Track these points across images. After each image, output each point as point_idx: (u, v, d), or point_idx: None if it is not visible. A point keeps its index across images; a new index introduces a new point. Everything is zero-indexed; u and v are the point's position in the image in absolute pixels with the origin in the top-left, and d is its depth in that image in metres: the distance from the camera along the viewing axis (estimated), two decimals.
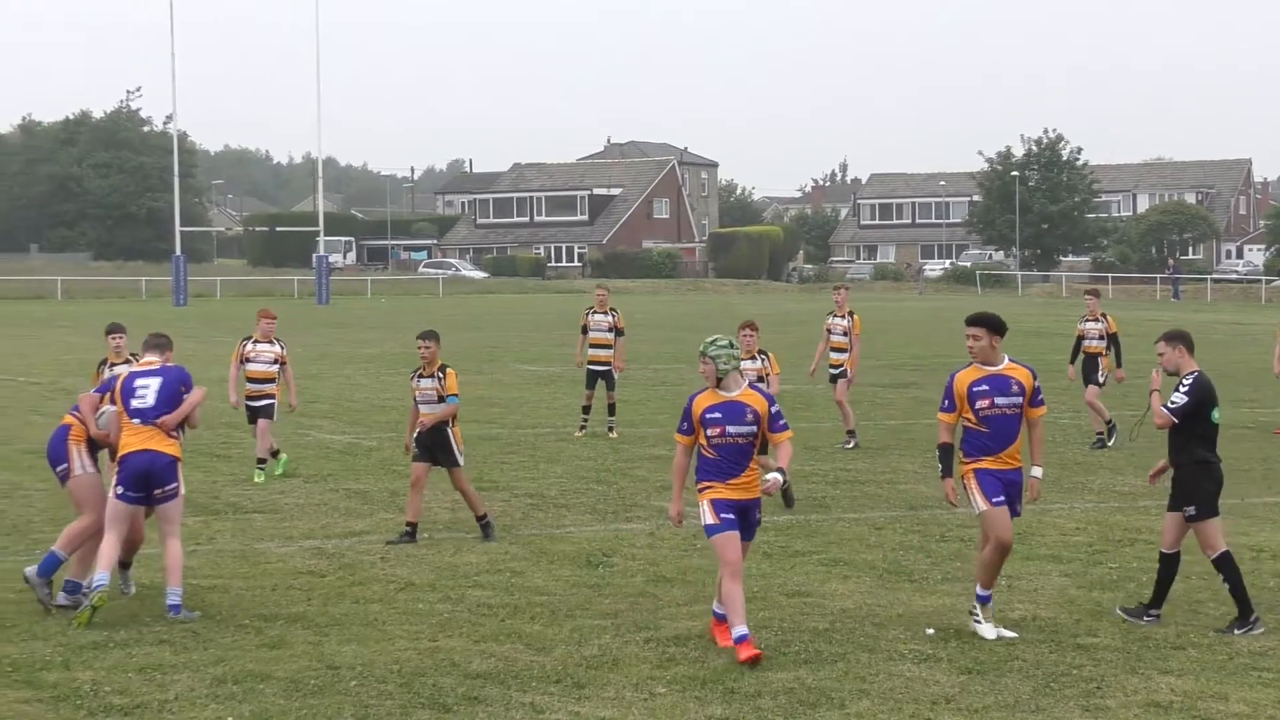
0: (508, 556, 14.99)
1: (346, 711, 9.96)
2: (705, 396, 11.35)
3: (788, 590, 13.57)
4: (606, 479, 20.09)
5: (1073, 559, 15.06)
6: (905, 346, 47.22)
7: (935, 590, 13.64)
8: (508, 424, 26.06)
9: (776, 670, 10.96)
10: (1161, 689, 10.55)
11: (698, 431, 11.30)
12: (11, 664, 11.08)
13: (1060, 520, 17.10)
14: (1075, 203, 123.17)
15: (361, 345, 46.53)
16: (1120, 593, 13.47)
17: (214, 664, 11.07)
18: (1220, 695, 10.39)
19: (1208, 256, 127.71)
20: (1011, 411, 11.77)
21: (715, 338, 11.46)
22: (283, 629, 12.13)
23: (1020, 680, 10.77)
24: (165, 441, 12.81)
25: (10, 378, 34.56)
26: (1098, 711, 10.07)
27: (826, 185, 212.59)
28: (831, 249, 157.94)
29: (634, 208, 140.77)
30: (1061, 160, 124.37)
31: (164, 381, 12.97)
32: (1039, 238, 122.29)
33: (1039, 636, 11.96)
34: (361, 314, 69.77)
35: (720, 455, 11.25)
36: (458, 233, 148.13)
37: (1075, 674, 10.94)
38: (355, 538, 15.91)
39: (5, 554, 15.12)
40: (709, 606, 12.90)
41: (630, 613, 12.72)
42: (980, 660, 11.21)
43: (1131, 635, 12.01)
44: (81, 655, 11.30)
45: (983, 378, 11.83)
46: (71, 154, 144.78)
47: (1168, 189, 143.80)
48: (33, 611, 12.64)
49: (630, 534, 16.27)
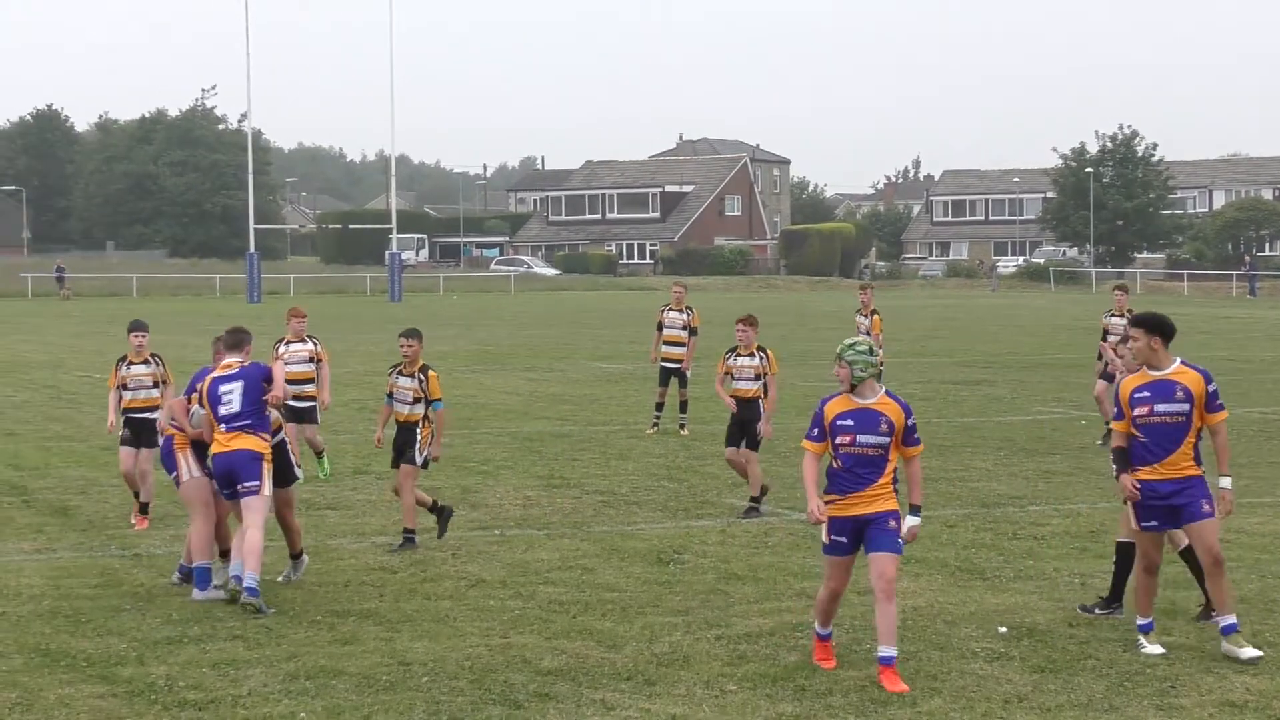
0: (579, 553, 15.00)
1: (418, 707, 10.00)
2: (838, 402, 10.67)
3: (859, 589, 13.45)
4: (678, 476, 20.08)
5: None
6: (977, 344, 46.99)
7: (1007, 588, 13.56)
8: (579, 421, 26.10)
9: (848, 668, 10.93)
10: (1236, 688, 10.46)
11: (828, 439, 10.62)
12: (87, 659, 11.18)
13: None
14: (1150, 199, 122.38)
15: (434, 343, 46.52)
16: (1196, 591, 13.34)
17: (287, 659, 11.15)
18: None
19: None
20: (1174, 419, 11.00)
21: (854, 341, 10.79)
22: (355, 625, 12.19)
23: (1093, 679, 10.70)
24: (249, 440, 13.09)
25: (88, 374, 34.85)
26: (1172, 710, 9.99)
27: (899, 182, 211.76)
28: (904, 246, 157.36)
29: (706, 205, 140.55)
30: (1136, 156, 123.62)
31: (246, 385, 13.19)
32: (1113, 234, 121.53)
33: (1112, 635, 11.86)
34: (434, 311, 69.98)
35: (846, 466, 10.57)
36: (530, 230, 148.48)
37: (1149, 673, 10.85)
38: (426, 534, 15.96)
39: (81, 549, 15.25)
40: (780, 604, 12.89)
41: (701, 610, 12.70)
42: (1053, 659, 11.15)
43: (1206, 634, 11.89)
44: (156, 650, 11.40)
45: (1146, 383, 11.13)
46: (148, 152, 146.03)
47: (1244, 185, 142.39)
48: (108, 608, 12.75)
49: (701, 531, 16.25)
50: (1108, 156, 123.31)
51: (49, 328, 53.51)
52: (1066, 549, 15.13)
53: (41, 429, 24.72)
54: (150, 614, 12.52)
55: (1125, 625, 12.21)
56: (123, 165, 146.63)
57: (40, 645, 11.55)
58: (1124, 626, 12.17)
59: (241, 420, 13.06)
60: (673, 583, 13.73)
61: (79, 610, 12.64)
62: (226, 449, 13.00)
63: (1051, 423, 26.03)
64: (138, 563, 14.57)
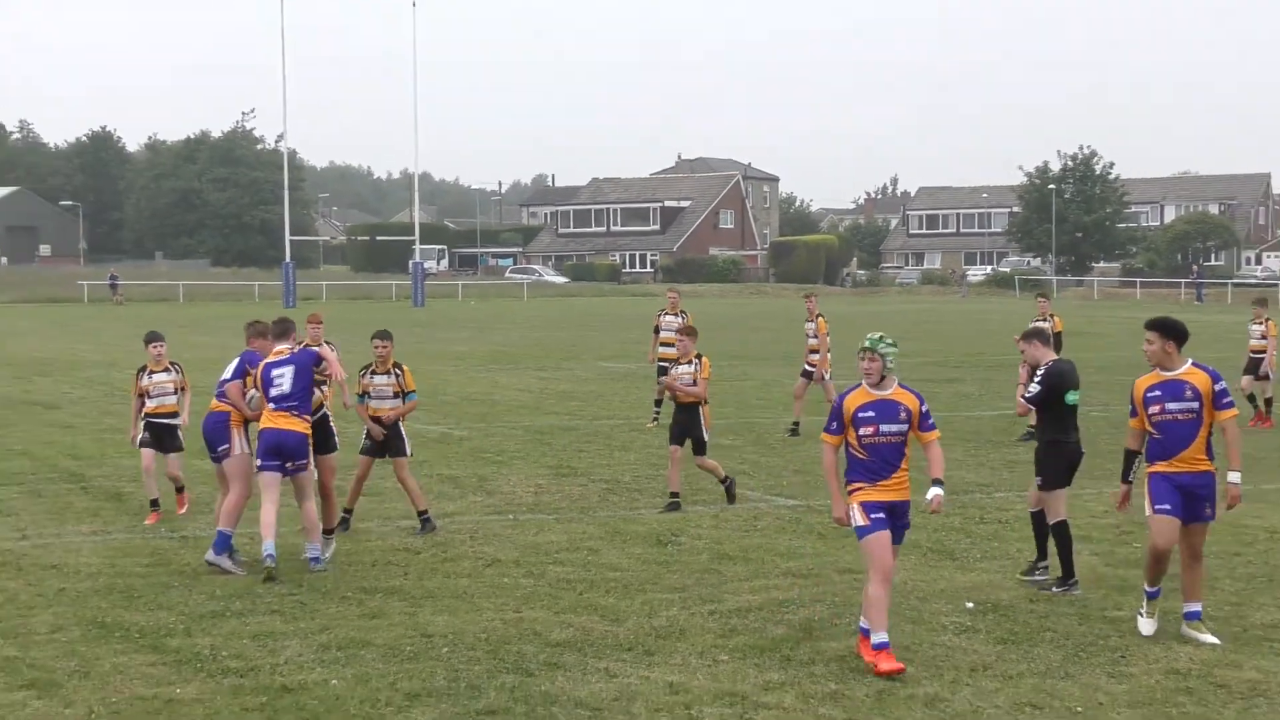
0: (585, 536, 15.05)
1: (439, 675, 10.06)
2: (857, 395, 10.37)
3: (840, 568, 13.56)
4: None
5: (1101, 539, 14.99)
6: (949, 345, 47.00)
7: (974, 568, 13.63)
8: (585, 416, 26.11)
9: (829, 640, 10.98)
10: (1181, 658, 10.53)
11: (848, 430, 10.32)
12: (140, 631, 11.25)
13: (1090, 504, 16.99)
14: (1107, 213, 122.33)
15: (452, 344, 46.70)
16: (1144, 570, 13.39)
17: (320, 631, 11.21)
18: (1234, 664, 10.35)
19: (1229, 263, 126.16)
20: (1185, 417, 10.80)
21: (882, 335, 10.48)
22: (381, 600, 12.25)
23: (1051, 649, 10.76)
24: (294, 421, 13.36)
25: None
26: (1123, 678, 10.06)
27: (878, 198, 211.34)
28: (883, 256, 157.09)
29: (701, 218, 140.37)
30: (1095, 174, 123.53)
31: (296, 369, 13.45)
32: (1074, 245, 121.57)
33: (1069, 610, 11.93)
34: (453, 316, 69.94)
35: (871, 455, 10.27)
36: (541, 241, 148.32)
37: (1102, 644, 10.92)
38: (447, 518, 15.99)
39: (134, 532, 15.31)
40: (768, 582, 12.92)
41: (696, 587, 12.75)
42: (1015, 631, 11.21)
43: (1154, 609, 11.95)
44: (201, 623, 11.46)
45: (1157, 383, 10.94)
46: (193, 170, 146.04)
47: (1193, 200, 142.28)
48: (158, 584, 12.82)
49: (696, 515, 16.29)
50: (1069, 174, 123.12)
51: (103, 330, 53.45)
52: (1028, 532, 15.11)
53: (97, 422, 24.75)
54: (196, 590, 12.58)
55: (1081, 601, 12.26)
56: (170, 182, 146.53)
57: (97, 618, 11.63)
58: (1080, 602, 12.22)
59: (290, 401, 13.35)
60: (670, 563, 13.78)
61: (132, 587, 12.71)
62: (276, 426, 13.29)
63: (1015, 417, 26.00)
64: (185, 544, 14.62)
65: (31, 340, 48.44)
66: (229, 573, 13.14)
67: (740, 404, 27.82)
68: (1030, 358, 13.32)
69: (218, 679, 10.00)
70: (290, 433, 13.33)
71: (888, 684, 9.85)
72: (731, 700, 9.54)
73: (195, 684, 9.90)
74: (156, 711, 9.33)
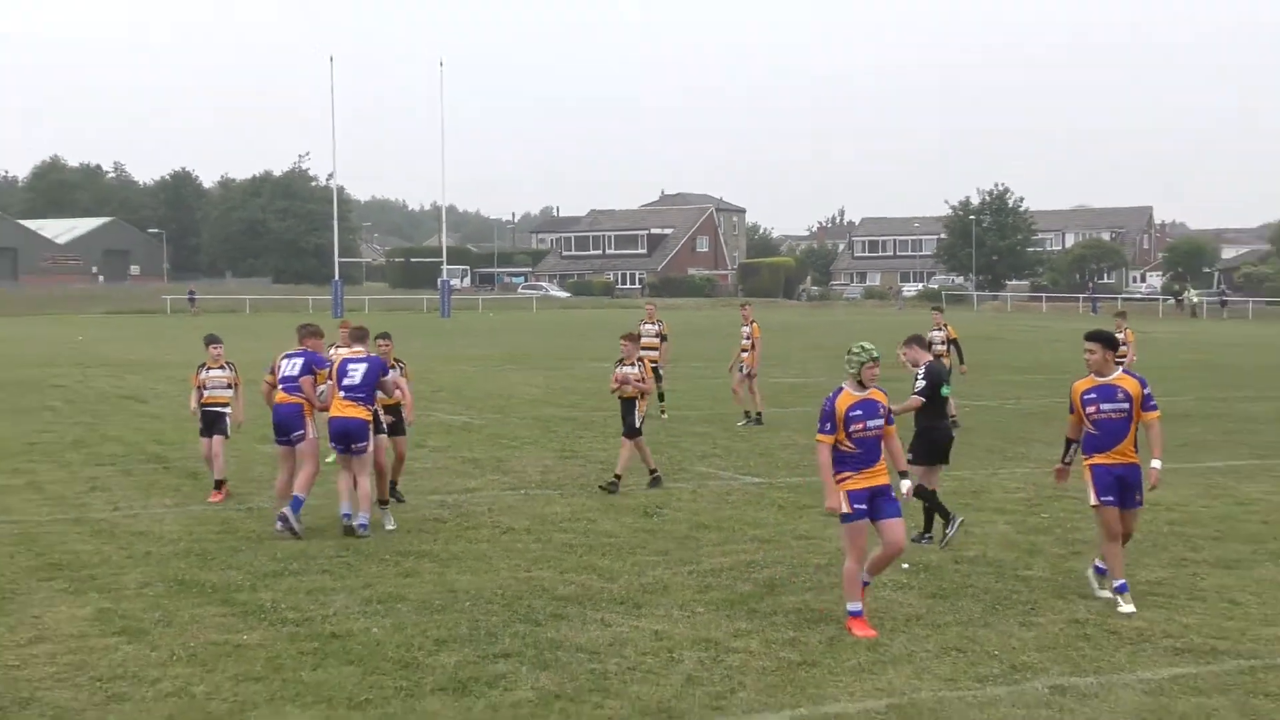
0: (585, 508, 15.01)
1: (462, 624, 10.03)
2: (844, 397, 9.97)
3: (796, 534, 13.55)
4: (659, 450, 19.98)
5: (1014, 510, 14.97)
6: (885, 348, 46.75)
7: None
8: (584, 408, 26.03)
9: (788, 595, 10.97)
10: (1080, 610, 10.53)
11: (840, 429, 9.91)
12: (213, 587, 11.22)
13: (1005, 481, 17.01)
14: (1018, 239, 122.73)
15: (474, 348, 46.69)
16: (1050, 537, 13.39)
17: (363, 588, 11.18)
18: (1124, 615, 10.35)
19: (1119, 280, 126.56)
20: (1117, 416, 10.54)
21: (869, 344, 10.20)
22: (414, 562, 12.21)
23: (973, 602, 10.76)
24: (360, 410, 13.47)
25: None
26: (1032, 626, 10.05)
27: (829, 226, 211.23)
28: (832, 275, 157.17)
29: (681, 243, 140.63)
30: (1007, 207, 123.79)
31: (369, 367, 13.66)
32: (990, 266, 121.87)
33: (988, 570, 11.91)
34: (474, 325, 69.92)
35: (860, 448, 9.90)
36: (547, 262, 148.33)
37: (1015, 598, 10.90)
38: (469, 493, 15.97)
39: (208, 505, 15.25)
40: (738, 547, 12.88)
41: (677, 551, 12.72)
42: (942, 587, 11.19)
43: (1059, 569, 11.95)
44: (264, 581, 11.42)
45: (1093, 387, 10.68)
46: (257, 203, 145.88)
47: (1088, 229, 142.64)
48: (228, 549, 12.77)
49: (678, 491, 16.26)
50: (986, 207, 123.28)
51: (183, 337, 53.35)
52: (954, 505, 15.14)
53: (177, 413, 24.65)
54: (260, 553, 12.54)
55: (997, 561, 12.23)
56: (239, 213, 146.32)
57: (177, 576, 11.59)
58: (996, 562, 12.19)
59: (358, 393, 13.49)
60: (655, 531, 13.74)
61: (206, 550, 12.67)
62: (344, 414, 13.39)
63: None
64: (250, 514, 14.57)
65: (123, 345, 48.39)
66: (295, 534, 13.10)
67: (713, 399, 27.80)
68: (910, 359, 13.53)
69: (278, 627, 9.98)
70: (355, 420, 13.43)
71: (838, 631, 9.83)
72: (706, 645, 9.51)
73: (259, 631, 9.87)
74: (227, 654, 9.29)
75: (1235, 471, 17.91)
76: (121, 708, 8.23)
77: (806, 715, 8.10)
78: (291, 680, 8.72)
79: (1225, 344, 52.39)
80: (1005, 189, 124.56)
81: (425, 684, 8.65)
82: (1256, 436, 22.02)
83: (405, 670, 8.93)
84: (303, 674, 8.85)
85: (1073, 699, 8.43)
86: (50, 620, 10.19)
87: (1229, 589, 11.31)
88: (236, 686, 8.61)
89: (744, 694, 8.49)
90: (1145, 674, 8.94)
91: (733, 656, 9.26)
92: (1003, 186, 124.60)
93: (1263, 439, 21.68)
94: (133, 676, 8.82)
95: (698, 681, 8.72)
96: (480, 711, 8.17)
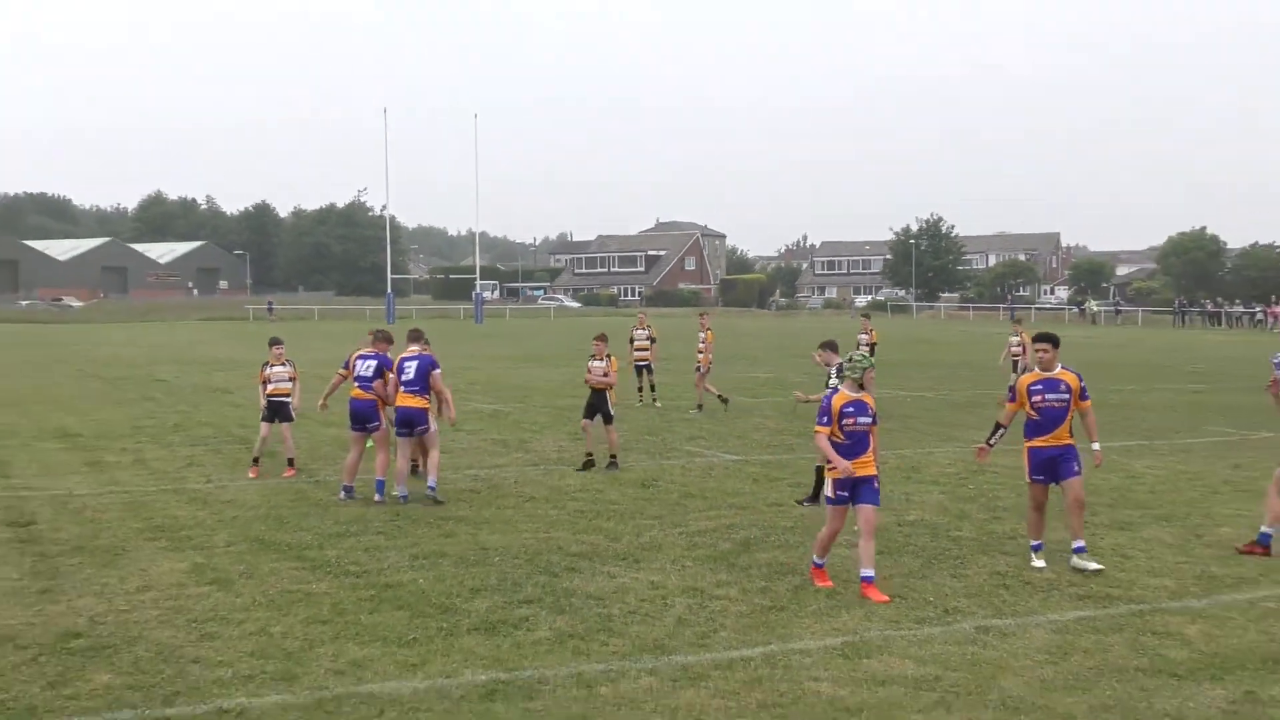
0: (593, 481, 15.00)
1: (492, 576, 10.03)
2: (839, 397, 9.72)
3: (768, 502, 13.55)
4: (655, 432, 20.07)
5: (946, 482, 14.98)
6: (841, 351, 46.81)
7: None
8: None
9: (761, 552, 10.97)
10: (1001, 564, 10.54)
11: (835, 423, 9.64)
12: (287, 545, 11.22)
13: (938, 458, 17.01)
14: (949, 260, 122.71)
15: (502, 349, 46.57)
16: (976, 504, 13.39)
17: (410, 546, 11.17)
18: (1037, 569, 10.36)
19: (1032, 293, 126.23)
20: (1059, 404, 10.35)
21: (862, 355, 9.82)
22: (453, 525, 12.21)
23: (912, 558, 10.76)
24: (418, 400, 13.45)
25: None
26: (961, 578, 10.06)
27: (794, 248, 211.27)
28: (797, 288, 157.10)
29: (673, 263, 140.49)
30: (941, 233, 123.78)
31: (420, 364, 13.55)
32: (927, 282, 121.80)
33: (925, 531, 11.92)
34: (501, 330, 69.72)
35: (849, 440, 9.62)
36: (563, 279, 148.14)
37: (947, 554, 10.92)
38: (497, 469, 15.96)
39: (283, 478, 15.23)
40: (720, 513, 12.89)
41: (670, 515, 12.72)
42: (886, 545, 11.18)
43: (983, 530, 11.95)
44: (329, 540, 11.43)
45: (1039, 380, 10.44)
46: (323, 229, 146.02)
47: (1008, 251, 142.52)
48: (299, 514, 12.77)
49: (670, 467, 16.25)
50: (923, 233, 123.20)
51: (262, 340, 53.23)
52: (897, 478, 15.20)
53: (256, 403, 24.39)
54: (326, 518, 12.53)
55: (932, 524, 12.23)
56: (308, 238, 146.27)
57: (258, 537, 11.59)
58: (931, 525, 12.18)
59: (414, 386, 13.46)
60: (651, 499, 13.74)
61: (281, 515, 12.67)
62: (405, 404, 13.41)
63: (882, 399, 26.05)
64: (317, 486, 14.57)
65: (213, 347, 48.25)
66: (401, 500, 13.27)
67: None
68: (824, 360, 13.57)
69: (340, 578, 9.98)
70: (414, 409, 13.42)
71: (803, 581, 9.83)
72: (693, 593, 9.52)
73: (325, 582, 9.87)
74: (299, 601, 9.29)
75: (1127, 451, 17.93)
76: (212, 644, 8.24)
77: (776, 651, 8.11)
78: (352, 622, 8.73)
79: (1119, 345, 52.44)
80: (939, 218, 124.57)
81: (462, 625, 8.65)
82: (1144, 422, 22.04)
83: (445, 614, 8.93)
84: (361, 617, 8.86)
85: (994, 637, 8.44)
86: (154, 573, 10.20)
87: (1122, 547, 11.34)
88: (307, 627, 8.62)
89: (724, 633, 8.51)
90: (1053, 616, 8.96)
91: (715, 602, 9.26)
92: (937, 215, 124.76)
93: (1149, 424, 21.70)
94: (221, 619, 8.83)
95: (686, 623, 8.73)
96: (507, 648, 8.17)
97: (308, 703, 7.12)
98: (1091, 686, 7.46)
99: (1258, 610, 9.16)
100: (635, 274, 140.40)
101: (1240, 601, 9.40)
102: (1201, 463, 16.73)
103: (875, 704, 7.10)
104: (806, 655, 7.99)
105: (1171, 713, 7.05)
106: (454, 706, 7.07)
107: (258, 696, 7.21)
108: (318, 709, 7.02)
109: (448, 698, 7.21)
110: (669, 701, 7.14)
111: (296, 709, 7.03)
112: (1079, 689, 7.41)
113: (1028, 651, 8.13)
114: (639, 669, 7.71)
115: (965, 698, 7.23)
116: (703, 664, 7.81)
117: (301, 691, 7.30)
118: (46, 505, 13.25)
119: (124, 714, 6.95)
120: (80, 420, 21.60)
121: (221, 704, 7.07)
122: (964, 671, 7.70)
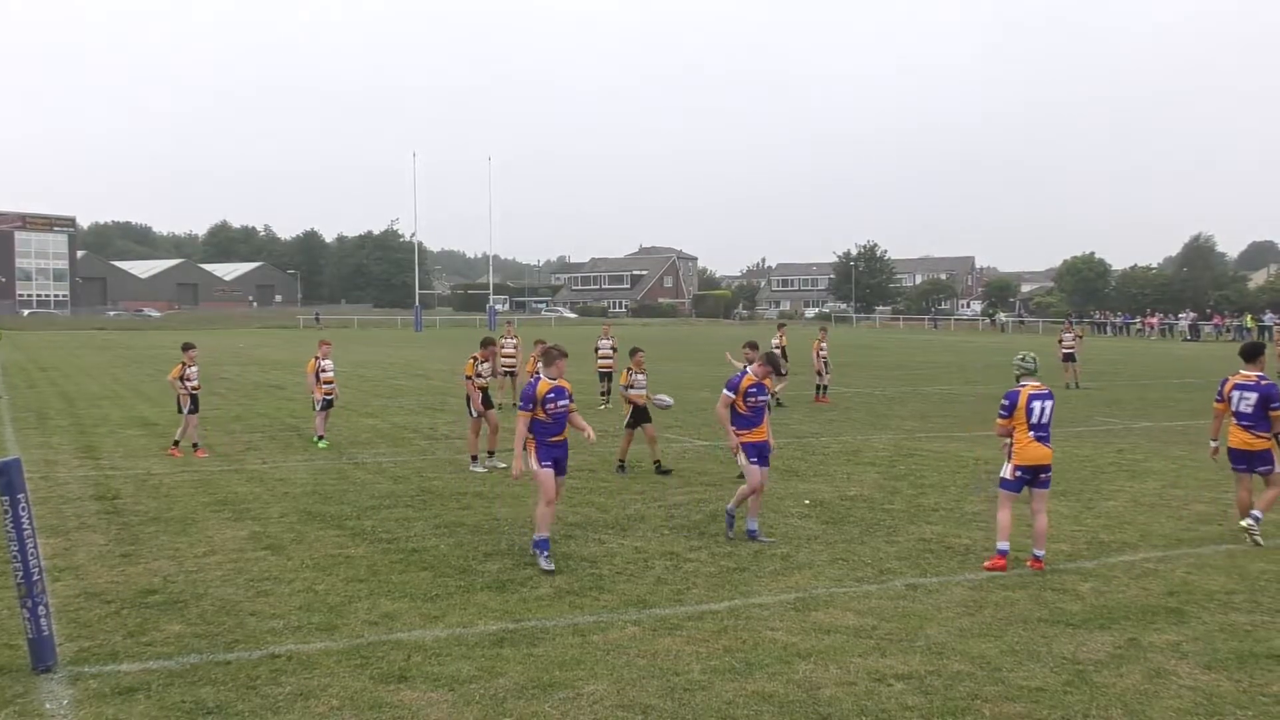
0: (586, 463, 14.91)
1: (503, 542, 9.97)
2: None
3: (732, 479, 13.50)
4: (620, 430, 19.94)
5: (882, 464, 14.95)
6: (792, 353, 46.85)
7: (810, 480, 13.54)
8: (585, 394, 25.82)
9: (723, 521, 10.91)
10: (927, 531, 10.52)
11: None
12: (331, 516, 11.13)
13: (874, 444, 16.99)
14: (883, 279, 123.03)
15: None
16: (906, 482, 13.38)
17: (434, 518, 11.10)
18: (956, 536, 10.35)
19: (951, 307, 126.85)
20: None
21: (1032, 355, 9.26)
22: (469, 500, 12.13)
23: (853, 528, 10.73)
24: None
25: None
26: (894, 544, 10.03)
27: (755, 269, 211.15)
28: (757, 303, 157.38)
29: (654, 281, 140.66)
30: (876, 256, 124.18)
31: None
32: (865, 297, 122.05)
33: (864, 505, 11.89)
34: None
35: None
36: (562, 294, 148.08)
37: (882, 524, 10.89)
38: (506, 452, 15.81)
39: (329, 460, 15.10)
40: (693, 489, 12.80)
41: (650, 491, 12.67)
42: (833, 517, 11.16)
43: (912, 504, 11.92)
44: (366, 514, 11.34)
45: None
46: (362, 253, 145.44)
47: (931, 271, 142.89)
48: (340, 490, 12.66)
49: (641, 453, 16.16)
50: (862, 256, 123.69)
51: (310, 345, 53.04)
52: (841, 460, 15.20)
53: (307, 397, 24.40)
54: (364, 494, 12.45)
55: (868, 499, 12.20)
56: (350, 259, 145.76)
57: (306, 510, 11.50)
58: (870, 499, 12.14)
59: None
60: (634, 477, 13.68)
61: (327, 492, 12.57)
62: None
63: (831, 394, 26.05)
64: (359, 467, 14.48)
65: (269, 350, 48.08)
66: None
67: (675, 386, 27.68)
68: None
69: (375, 544, 9.90)
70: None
71: (760, 547, 9.79)
72: (671, 556, 9.46)
73: (362, 547, 9.79)
74: (340, 563, 9.21)
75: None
76: (266, 600, 8.16)
77: (740, 605, 8.07)
78: (385, 581, 8.66)
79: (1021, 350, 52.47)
80: (875, 243, 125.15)
81: (477, 584, 8.59)
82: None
83: (463, 574, 8.86)
84: (392, 577, 8.79)
85: (921, 593, 8.42)
86: (218, 539, 10.10)
87: (1027, 517, 11.34)
88: (346, 585, 8.54)
89: (696, 590, 8.47)
90: (970, 576, 8.95)
91: (688, 564, 9.22)
92: (873, 242, 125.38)
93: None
94: (274, 578, 8.75)
95: (665, 581, 8.69)
96: (515, 603, 8.12)
97: (346, 649, 7.06)
98: (1002, 634, 7.45)
99: (1138, 570, 9.18)
100: (622, 290, 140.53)
101: (1124, 563, 9.41)
102: (1091, 448, 16.78)
103: (823, 649, 7.08)
104: (764, 608, 7.95)
105: (1068, 656, 7.04)
106: (469, 652, 7.03)
107: (305, 644, 7.15)
108: (355, 654, 6.97)
109: (464, 644, 7.16)
110: (649, 647, 7.11)
111: (337, 654, 6.97)
112: (991, 636, 7.40)
113: (949, 605, 8.11)
114: (625, 620, 7.66)
115: (897, 643, 7.22)
116: (678, 616, 7.77)
117: (341, 639, 7.25)
118: (129, 483, 13.13)
119: (191, 658, 6.88)
120: (158, 412, 21.45)
121: (274, 650, 7.02)
122: (896, 622, 7.68)
